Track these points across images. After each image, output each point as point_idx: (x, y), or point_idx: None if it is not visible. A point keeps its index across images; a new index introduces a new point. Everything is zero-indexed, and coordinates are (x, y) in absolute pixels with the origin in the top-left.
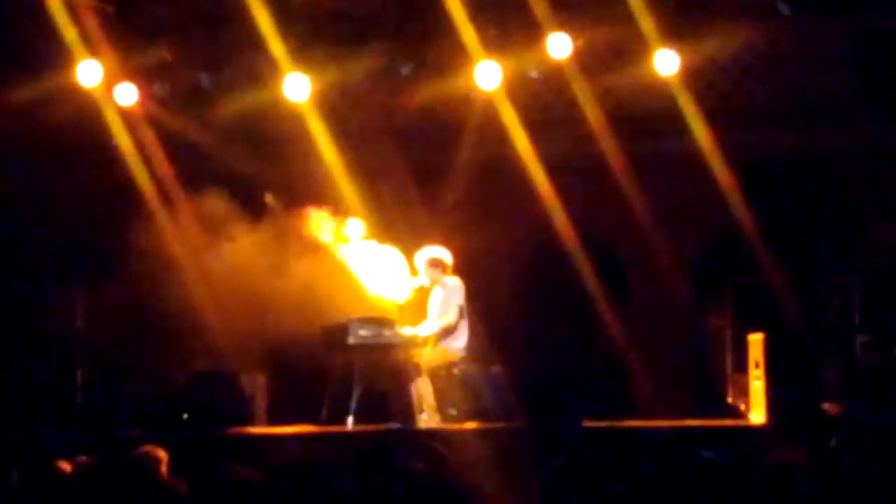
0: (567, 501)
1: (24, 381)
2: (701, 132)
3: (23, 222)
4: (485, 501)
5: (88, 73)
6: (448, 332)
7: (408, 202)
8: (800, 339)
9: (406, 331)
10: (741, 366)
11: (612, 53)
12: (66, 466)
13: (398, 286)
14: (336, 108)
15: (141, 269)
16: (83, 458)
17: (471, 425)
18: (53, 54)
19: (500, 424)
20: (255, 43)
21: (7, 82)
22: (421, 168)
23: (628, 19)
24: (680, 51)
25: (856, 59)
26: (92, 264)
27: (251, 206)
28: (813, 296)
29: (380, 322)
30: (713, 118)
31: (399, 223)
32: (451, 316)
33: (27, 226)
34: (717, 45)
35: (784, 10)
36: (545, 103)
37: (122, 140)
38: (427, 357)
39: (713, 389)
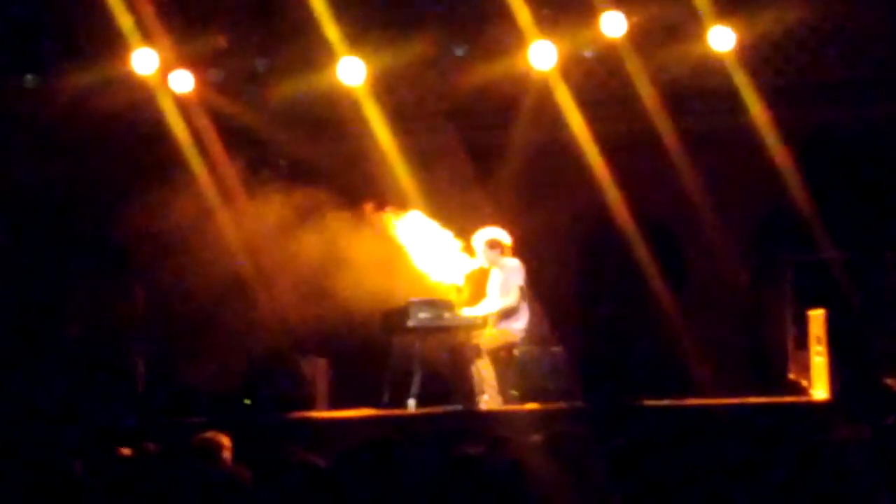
0: (627, 482)
1: (85, 369)
2: (756, 108)
3: (79, 210)
4: (545, 482)
5: (144, 60)
6: (508, 313)
7: (464, 183)
8: (859, 315)
9: (465, 313)
10: (801, 342)
11: (667, 31)
12: (128, 453)
13: (452, 266)
14: (391, 91)
15: (198, 255)
16: (146, 445)
17: (531, 406)
18: (109, 42)
19: (560, 405)
20: (309, 27)
21: (63, 70)
22: (476, 149)
23: None
24: (735, 27)
25: None
26: (149, 251)
27: (307, 193)
28: (870, 271)
29: (439, 304)
30: (768, 94)
31: (455, 204)
32: (511, 297)
33: (84, 213)
34: (772, 20)
35: None
36: (600, 82)
37: (178, 127)
38: (487, 339)
39: (773, 366)
